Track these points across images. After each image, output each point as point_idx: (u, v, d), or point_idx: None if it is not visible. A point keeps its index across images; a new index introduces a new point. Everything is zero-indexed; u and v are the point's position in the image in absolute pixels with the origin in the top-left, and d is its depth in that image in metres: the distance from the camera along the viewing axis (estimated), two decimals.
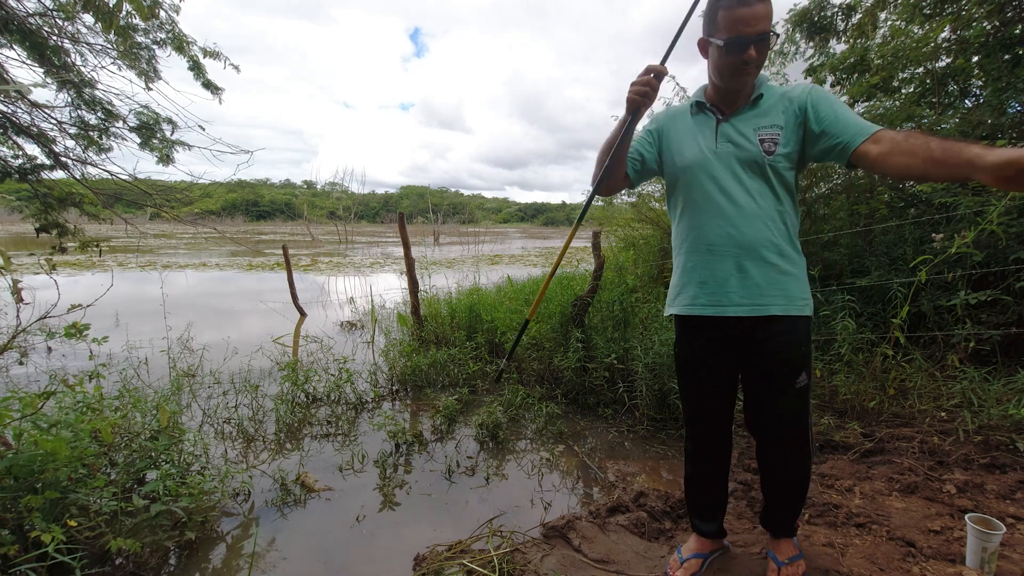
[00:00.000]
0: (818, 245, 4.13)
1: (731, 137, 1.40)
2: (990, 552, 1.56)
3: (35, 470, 1.64)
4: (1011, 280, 2.92)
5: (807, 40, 5.46)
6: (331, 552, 1.93)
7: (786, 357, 1.41)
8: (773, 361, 1.42)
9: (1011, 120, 3.35)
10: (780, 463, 1.55)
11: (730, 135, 1.40)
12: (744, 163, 1.38)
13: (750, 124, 1.39)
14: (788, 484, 1.57)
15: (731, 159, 1.39)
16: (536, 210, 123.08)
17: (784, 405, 1.44)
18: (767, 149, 1.36)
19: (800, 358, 1.41)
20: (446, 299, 5.29)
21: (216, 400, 3.31)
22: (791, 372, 1.41)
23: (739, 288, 1.40)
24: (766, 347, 1.41)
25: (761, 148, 1.37)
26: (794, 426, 1.46)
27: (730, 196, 1.39)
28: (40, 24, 3.14)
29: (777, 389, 1.44)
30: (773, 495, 1.61)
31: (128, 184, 3.64)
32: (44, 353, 4.58)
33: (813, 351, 2.95)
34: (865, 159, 1.21)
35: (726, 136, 1.41)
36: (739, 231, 1.38)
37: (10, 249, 9.82)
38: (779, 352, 1.41)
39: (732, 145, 1.39)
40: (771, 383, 1.45)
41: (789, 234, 1.41)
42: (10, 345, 2.16)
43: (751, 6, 1.24)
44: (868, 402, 2.78)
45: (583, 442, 2.94)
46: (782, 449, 1.52)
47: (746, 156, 1.38)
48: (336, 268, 13.53)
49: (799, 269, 1.43)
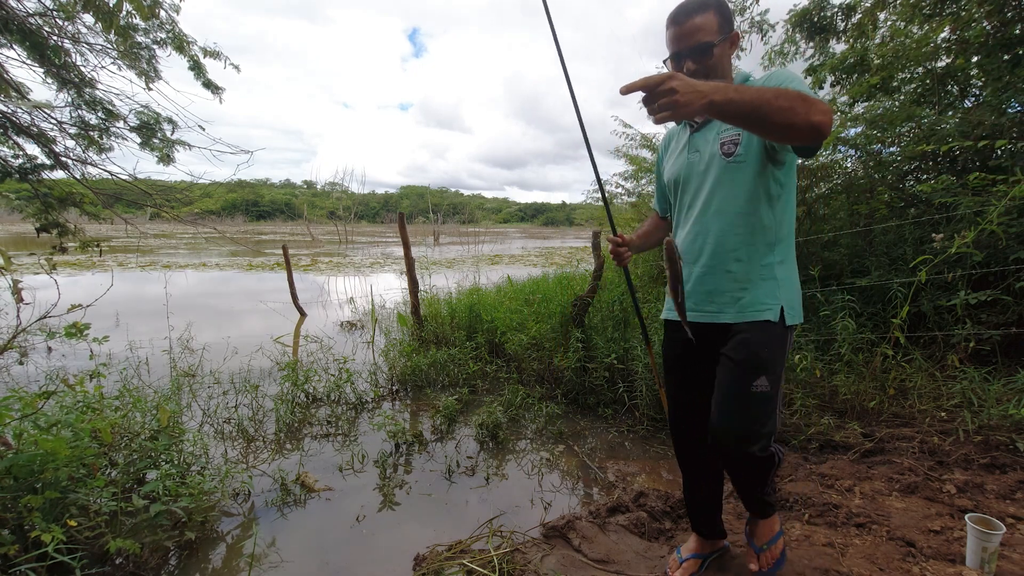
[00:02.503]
0: (818, 245, 4.12)
1: (698, 146, 1.44)
2: (990, 552, 1.55)
3: (35, 470, 1.64)
4: (1011, 280, 2.92)
5: (807, 40, 5.47)
6: (331, 552, 1.93)
7: (742, 358, 1.34)
8: (728, 362, 1.38)
9: (1011, 120, 3.34)
10: (732, 469, 1.48)
11: (697, 144, 1.44)
12: (707, 170, 1.40)
13: (714, 129, 1.40)
14: (742, 482, 1.51)
15: (697, 168, 1.43)
16: (536, 210, 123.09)
17: (736, 408, 1.34)
18: (726, 152, 1.36)
19: (758, 361, 1.33)
20: (446, 299, 5.29)
21: (216, 400, 3.31)
22: (746, 374, 1.33)
23: (693, 295, 1.45)
24: (724, 349, 1.39)
25: (720, 151, 1.37)
26: (745, 432, 1.34)
27: (694, 205, 1.44)
28: (40, 24, 3.14)
29: (730, 390, 1.36)
30: (735, 486, 1.58)
31: (128, 184, 3.64)
32: (44, 353, 4.58)
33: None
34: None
35: (695, 147, 1.45)
36: (697, 240, 1.43)
37: (10, 249, 9.82)
38: (734, 352, 1.36)
39: (698, 154, 1.43)
40: (724, 384, 1.37)
41: (757, 238, 1.36)
42: (10, 345, 2.16)
43: (681, 24, 1.33)
44: (868, 402, 2.78)
45: (583, 442, 2.94)
46: (729, 458, 1.43)
47: (708, 163, 1.40)
48: (336, 268, 13.53)
49: (766, 273, 1.37)
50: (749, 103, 0.99)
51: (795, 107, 1.00)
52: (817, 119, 1.01)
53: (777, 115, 1.00)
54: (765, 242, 1.37)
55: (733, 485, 1.58)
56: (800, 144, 1.14)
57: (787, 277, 1.41)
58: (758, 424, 1.35)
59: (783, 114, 1.00)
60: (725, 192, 1.37)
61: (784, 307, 1.38)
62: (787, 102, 1.00)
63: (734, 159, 1.35)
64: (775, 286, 1.38)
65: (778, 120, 1.00)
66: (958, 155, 3.77)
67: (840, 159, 4.31)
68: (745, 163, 1.33)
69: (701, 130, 1.44)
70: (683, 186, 1.49)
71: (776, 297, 1.38)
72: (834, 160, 4.25)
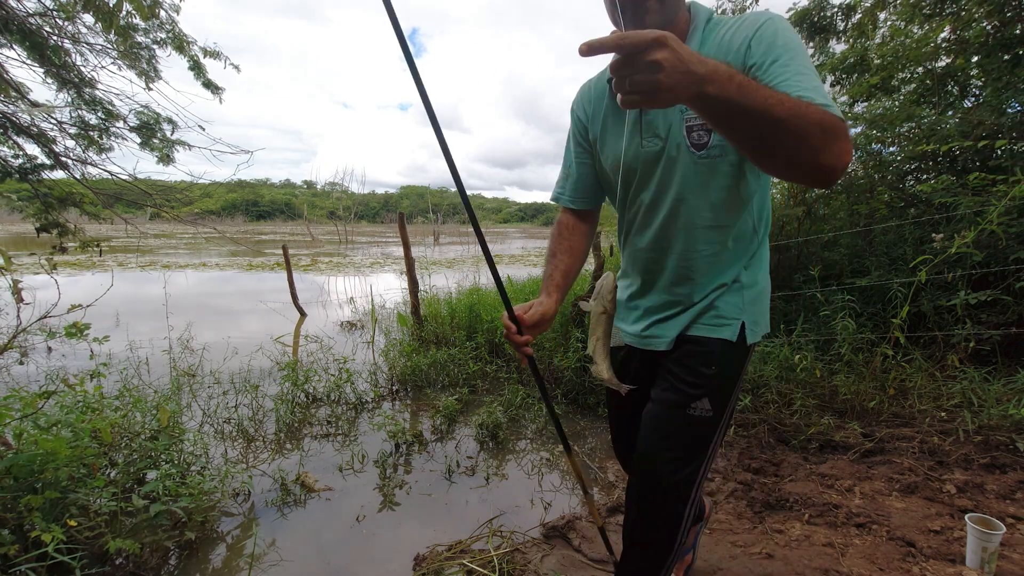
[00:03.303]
0: (818, 245, 4.13)
1: (656, 128, 1.02)
2: (990, 552, 1.56)
3: (35, 470, 1.64)
4: (1011, 280, 2.92)
5: (807, 40, 5.47)
6: (331, 552, 1.93)
7: (678, 373, 1.09)
8: (663, 378, 1.13)
9: (1011, 120, 3.34)
10: (638, 506, 1.16)
11: (655, 126, 1.02)
12: (671, 166, 1.03)
13: (677, 105, 0.94)
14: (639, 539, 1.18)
15: (655, 160, 1.04)
16: (536, 210, 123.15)
17: (664, 431, 1.09)
18: (696, 142, 0.99)
19: (699, 380, 1.07)
20: (446, 299, 5.29)
21: (216, 400, 3.30)
22: (682, 394, 1.08)
23: (651, 313, 1.18)
24: (661, 365, 1.17)
25: (688, 141, 1.00)
26: (669, 464, 1.08)
27: (655, 210, 1.09)
28: (40, 24, 3.14)
29: (661, 411, 1.10)
30: (624, 543, 1.24)
31: (128, 184, 3.64)
32: (44, 353, 4.57)
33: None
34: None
35: (652, 129, 1.03)
36: (661, 257, 1.12)
37: (10, 249, 9.75)
38: (673, 367, 1.11)
39: (657, 141, 1.03)
40: (657, 402, 1.12)
41: (734, 251, 1.08)
42: (10, 345, 2.16)
43: None
44: (868, 402, 2.78)
45: (583, 442, 2.94)
46: (641, 490, 1.13)
47: (672, 155, 1.02)
48: (336, 268, 13.53)
49: (732, 284, 1.09)
50: (751, 112, 0.67)
51: (810, 137, 0.70)
52: (829, 162, 0.72)
53: (782, 141, 0.71)
54: (741, 251, 1.10)
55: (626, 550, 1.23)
56: (792, 181, 0.96)
57: (752, 281, 1.11)
58: (686, 461, 1.08)
59: (790, 144, 0.71)
60: (696, 199, 1.03)
61: (746, 323, 1.09)
62: (802, 127, 0.69)
63: (707, 153, 0.99)
64: (739, 296, 1.10)
65: (779, 149, 0.72)
66: (958, 155, 3.77)
67: None
68: (722, 158, 0.99)
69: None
70: (637, 182, 1.10)
71: (739, 310, 1.10)
72: None
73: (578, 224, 1.27)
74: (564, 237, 1.25)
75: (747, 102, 0.67)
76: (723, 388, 1.09)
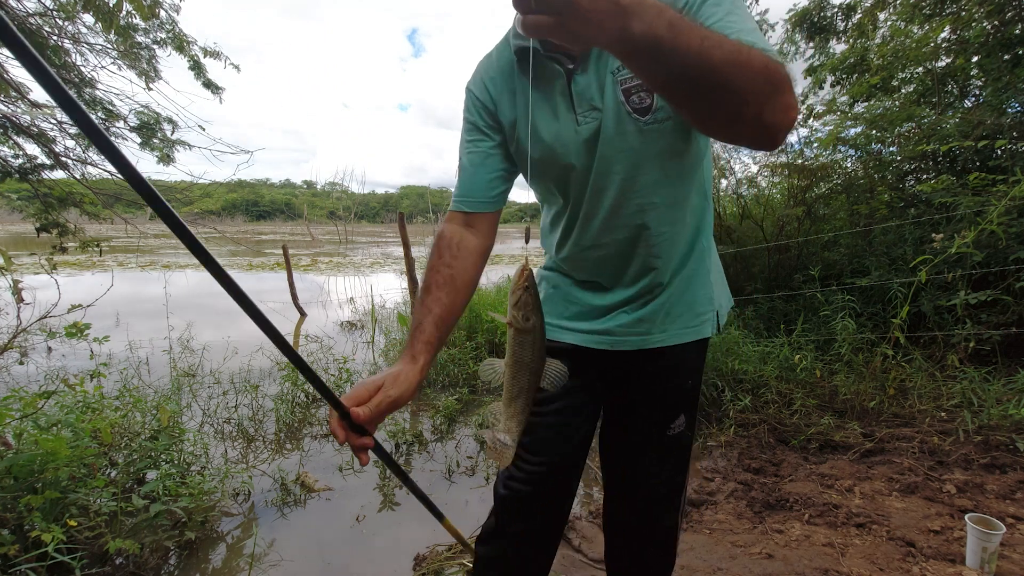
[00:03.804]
0: (818, 245, 4.13)
1: (590, 98, 0.84)
2: (990, 552, 1.56)
3: (35, 470, 1.64)
4: (1011, 280, 2.92)
5: (807, 40, 5.47)
6: (331, 552, 1.93)
7: (655, 391, 1.02)
8: (637, 393, 1.04)
9: (1011, 120, 3.35)
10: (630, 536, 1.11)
11: (588, 95, 0.84)
12: (614, 140, 0.85)
13: (605, 65, 0.82)
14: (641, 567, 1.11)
15: (594, 137, 0.86)
16: (536, 210, 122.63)
17: (648, 454, 1.04)
18: (638, 106, 0.81)
19: (678, 398, 1.03)
20: None
21: (216, 400, 3.31)
22: (662, 415, 1.02)
23: (617, 318, 1.03)
24: (632, 376, 1.06)
25: (628, 107, 0.82)
26: (661, 485, 1.03)
27: (600, 199, 0.91)
28: (40, 24, 3.14)
29: (638, 435, 1.04)
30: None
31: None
32: (44, 353, 4.57)
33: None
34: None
35: (585, 100, 0.84)
36: (614, 253, 0.96)
37: (10, 249, 9.77)
38: (650, 384, 1.03)
39: (595, 114, 0.84)
40: (634, 425, 1.05)
41: (696, 228, 0.98)
42: (11, 345, 2.16)
43: None
44: (868, 402, 2.78)
45: None
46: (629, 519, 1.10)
47: (613, 127, 0.84)
48: (336, 268, 13.53)
49: (700, 268, 0.99)
50: (685, 56, 0.54)
51: (753, 88, 0.58)
52: (775, 119, 0.61)
53: (721, 93, 0.58)
54: (697, 226, 0.98)
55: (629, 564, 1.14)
56: (731, 143, 0.83)
57: (709, 245, 1.02)
58: (677, 480, 1.04)
59: (730, 96, 0.58)
60: (648, 174, 0.87)
61: (719, 311, 1.03)
62: (745, 76, 0.57)
63: (653, 118, 0.82)
64: (706, 277, 1.00)
65: (718, 103, 0.59)
66: (958, 155, 3.77)
67: (840, 159, 4.32)
68: (670, 119, 0.82)
69: (584, 70, 0.83)
70: (577, 169, 0.90)
71: (710, 299, 1.00)
72: (834, 160, 4.25)
73: (467, 237, 0.94)
74: (445, 261, 0.91)
75: (679, 43, 0.54)
76: (694, 393, 1.04)
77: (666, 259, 0.95)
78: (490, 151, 0.95)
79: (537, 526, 1.05)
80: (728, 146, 4.49)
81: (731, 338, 3.18)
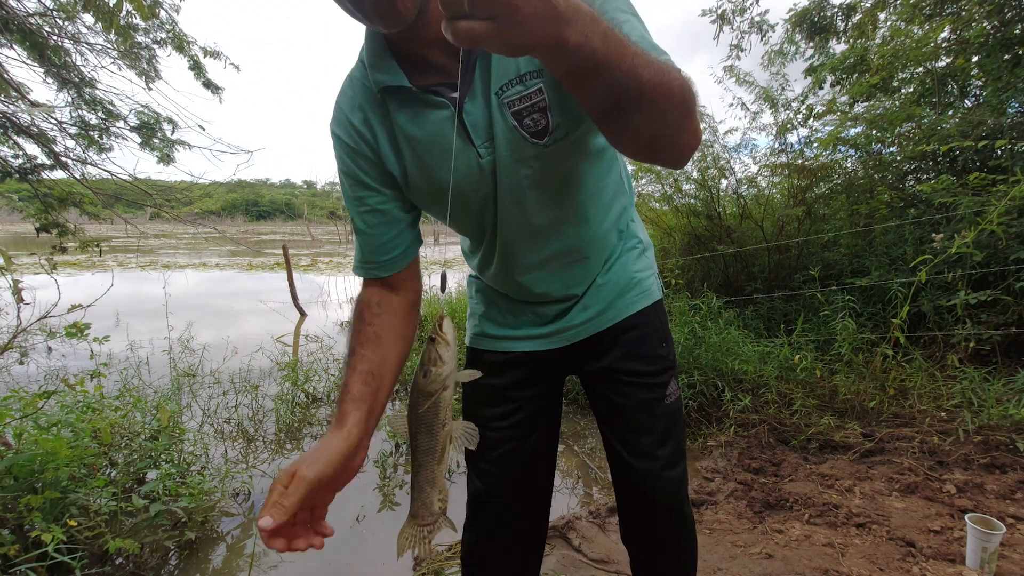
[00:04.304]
0: (818, 245, 4.13)
1: (490, 130, 0.75)
2: (990, 552, 1.56)
3: (35, 470, 1.64)
4: (1011, 280, 2.92)
5: (807, 40, 5.48)
6: (331, 552, 1.93)
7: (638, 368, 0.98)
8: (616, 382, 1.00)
9: (1011, 120, 3.35)
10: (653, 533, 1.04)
11: (483, 126, 0.75)
12: (514, 170, 0.77)
13: (490, 84, 0.73)
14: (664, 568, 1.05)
15: (492, 172, 0.78)
16: None
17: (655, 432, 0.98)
18: (533, 128, 0.73)
19: (660, 365, 1.00)
20: (446, 299, 5.29)
21: (216, 400, 3.30)
22: (654, 388, 0.98)
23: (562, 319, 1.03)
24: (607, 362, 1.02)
25: (524, 132, 0.73)
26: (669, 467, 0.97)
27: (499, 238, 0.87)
28: (40, 24, 3.14)
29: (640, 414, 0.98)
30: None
31: (128, 184, 3.64)
32: (44, 353, 4.57)
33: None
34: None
35: (482, 132, 0.75)
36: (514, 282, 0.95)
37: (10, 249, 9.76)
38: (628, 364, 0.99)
39: (492, 146, 0.76)
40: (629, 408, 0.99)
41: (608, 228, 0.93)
42: (10, 345, 2.16)
43: None
44: (868, 402, 2.78)
45: (583, 442, 2.94)
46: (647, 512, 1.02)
47: (510, 157, 0.76)
48: (336, 268, 13.53)
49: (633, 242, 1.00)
50: (616, 72, 0.51)
51: (674, 109, 0.57)
52: (688, 140, 0.61)
53: (646, 113, 0.56)
54: (622, 207, 0.96)
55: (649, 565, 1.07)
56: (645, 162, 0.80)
57: (641, 228, 1.03)
58: (676, 446, 0.98)
59: (653, 116, 0.57)
60: (560, 195, 0.82)
61: (654, 274, 1.02)
62: (667, 96, 0.55)
63: (551, 139, 0.74)
64: (644, 257, 1.00)
65: (642, 122, 0.57)
66: (958, 155, 3.77)
67: (840, 159, 4.31)
68: (570, 134, 0.75)
69: (471, 96, 0.73)
70: (481, 205, 0.83)
71: (651, 264, 1.01)
72: (834, 160, 4.25)
73: (387, 297, 0.86)
74: (366, 321, 0.83)
75: (612, 59, 0.50)
76: (672, 357, 0.98)
77: (597, 256, 0.93)
78: (383, 206, 0.83)
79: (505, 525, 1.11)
80: (728, 146, 4.49)
81: (731, 338, 3.18)
